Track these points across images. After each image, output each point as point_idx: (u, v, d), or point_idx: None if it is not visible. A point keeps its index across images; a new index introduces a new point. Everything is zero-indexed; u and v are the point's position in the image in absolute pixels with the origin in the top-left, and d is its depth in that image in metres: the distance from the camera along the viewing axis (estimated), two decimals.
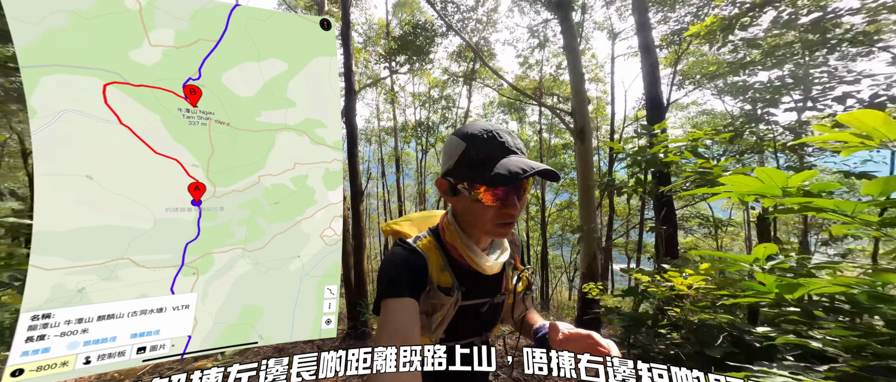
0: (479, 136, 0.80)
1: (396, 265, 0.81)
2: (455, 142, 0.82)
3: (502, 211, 0.80)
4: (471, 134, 0.81)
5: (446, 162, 0.84)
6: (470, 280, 0.89)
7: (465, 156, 0.80)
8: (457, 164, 0.81)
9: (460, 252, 0.87)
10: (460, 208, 0.86)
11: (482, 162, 0.77)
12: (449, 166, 0.83)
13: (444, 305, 0.85)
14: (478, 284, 0.91)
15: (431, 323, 0.86)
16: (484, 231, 0.84)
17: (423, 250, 0.85)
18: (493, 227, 0.82)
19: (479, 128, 0.82)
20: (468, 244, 0.86)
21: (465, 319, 0.90)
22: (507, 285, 0.99)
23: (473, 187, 0.79)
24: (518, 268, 1.03)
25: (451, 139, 0.85)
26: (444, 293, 0.85)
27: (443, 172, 0.86)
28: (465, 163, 0.80)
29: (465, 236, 0.87)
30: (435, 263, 0.87)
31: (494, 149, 0.78)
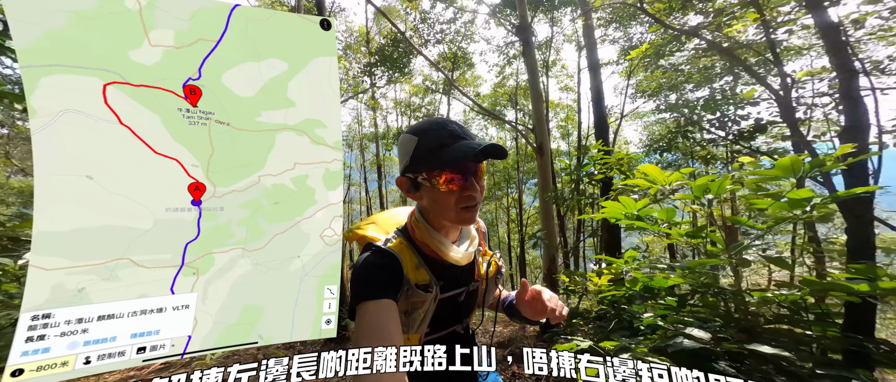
0: (428, 129, 0.83)
1: (370, 269, 0.83)
2: (407, 139, 0.86)
3: (464, 193, 0.82)
4: (421, 128, 0.85)
5: (403, 159, 0.88)
6: (445, 273, 0.92)
7: (419, 148, 0.82)
8: (412, 159, 0.84)
9: (432, 247, 0.89)
10: (424, 201, 0.88)
11: (434, 150, 0.80)
12: (405, 163, 0.86)
13: (424, 302, 0.87)
14: (453, 276, 0.93)
15: (413, 322, 0.88)
16: (449, 219, 0.86)
17: (394, 251, 0.86)
18: (458, 213, 0.84)
19: (428, 122, 0.86)
20: (438, 238, 0.89)
21: (444, 311, 0.93)
22: (478, 271, 1.03)
23: (431, 176, 0.82)
24: (487, 254, 1.06)
25: (404, 137, 0.88)
26: (423, 290, 0.87)
27: (401, 171, 0.89)
28: (419, 155, 0.82)
29: (434, 231, 0.89)
30: (409, 263, 0.88)
31: (444, 137, 0.81)
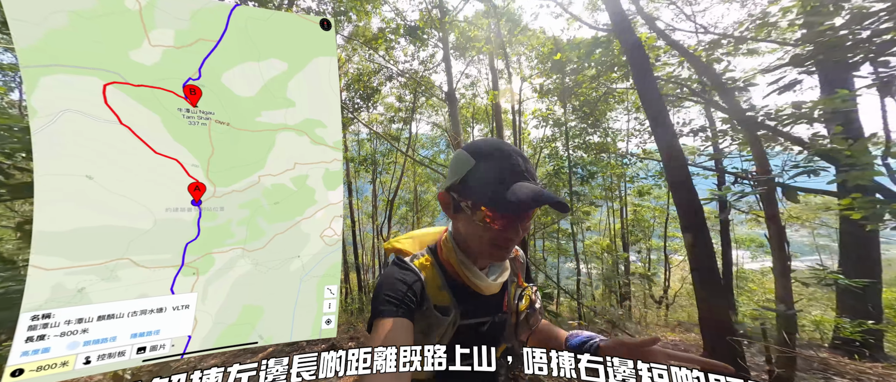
0: (489, 155, 0.77)
1: (390, 284, 0.80)
2: (464, 158, 0.79)
3: (502, 234, 0.77)
4: (482, 151, 0.78)
5: (452, 176, 0.82)
6: (469, 299, 0.87)
7: (473, 173, 0.77)
8: (462, 181, 0.78)
9: (457, 270, 0.85)
10: (460, 226, 0.83)
11: (490, 183, 0.74)
12: (454, 181, 0.80)
13: (441, 325, 0.82)
14: (477, 303, 0.88)
15: (429, 343, 0.82)
16: (480, 252, 0.82)
17: (419, 269, 0.83)
18: (490, 250, 0.80)
19: (491, 147, 0.79)
20: (465, 263, 0.84)
21: (464, 339, 0.86)
22: (510, 303, 0.96)
23: (477, 207, 0.76)
24: (521, 286, 0.99)
25: (461, 154, 0.82)
26: (441, 312, 0.83)
27: (447, 186, 0.83)
28: (471, 181, 0.77)
29: (463, 255, 0.85)
30: (432, 282, 0.84)
31: (504, 170, 0.75)
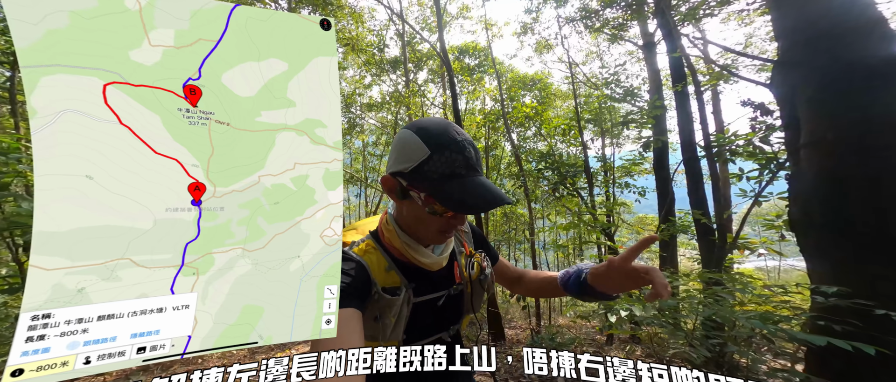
0: (444, 146, 0.76)
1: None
2: (416, 146, 0.77)
3: (451, 222, 0.80)
4: (436, 142, 0.77)
5: (401, 161, 0.80)
6: (419, 276, 0.87)
7: (427, 165, 0.76)
8: (415, 171, 0.78)
9: (401, 251, 0.85)
10: (404, 210, 0.83)
11: (446, 177, 0.75)
12: (404, 168, 0.79)
13: (393, 306, 0.82)
14: (429, 278, 0.88)
15: (385, 327, 0.83)
16: (425, 236, 0.83)
17: (360, 255, 0.83)
18: (436, 235, 0.82)
19: (445, 136, 0.77)
20: (410, 243, 0.85)
21: (423, 316, 0.87)
22: (461, 274, 0.97)
23: (430, 201, 0.77)
24: (468, 254, 1.00)
25: (411, 138, 0.79)
26: (391, 293, 0.82)
27: (393, 171, 0.82)
28: (425, 172, 0.77)
29: (406, 236, 0.85)
30: (377, 265, 0.84)
31: (458, 165, 0.76)
